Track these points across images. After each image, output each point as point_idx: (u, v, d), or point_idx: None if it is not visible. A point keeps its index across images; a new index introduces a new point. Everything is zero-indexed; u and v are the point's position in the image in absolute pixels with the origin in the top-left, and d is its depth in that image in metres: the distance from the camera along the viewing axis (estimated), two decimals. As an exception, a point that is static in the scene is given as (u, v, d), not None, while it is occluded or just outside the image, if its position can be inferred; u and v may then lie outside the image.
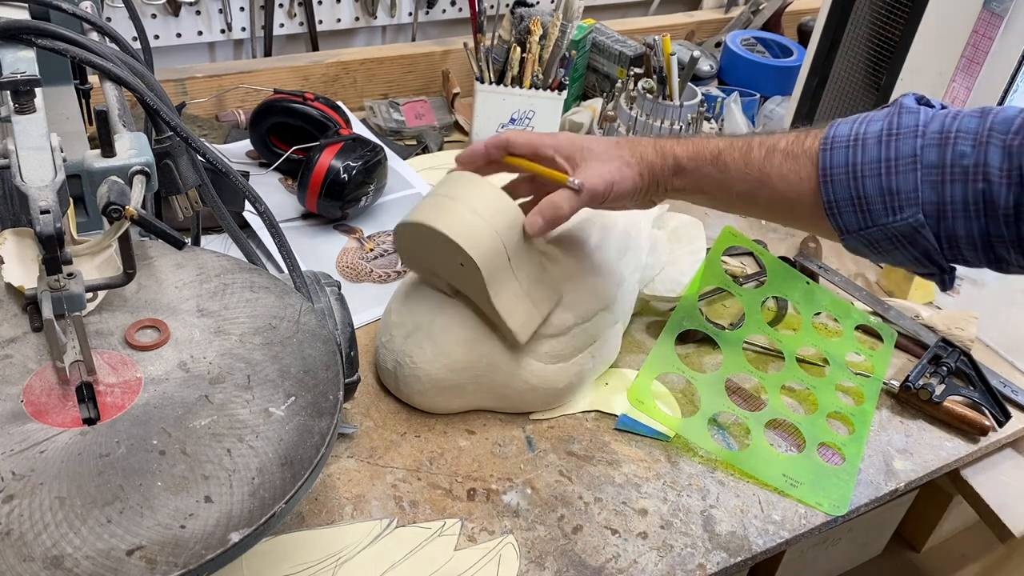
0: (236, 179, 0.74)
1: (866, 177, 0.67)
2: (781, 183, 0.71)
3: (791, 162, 0.71)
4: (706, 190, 0.77)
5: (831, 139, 0.69)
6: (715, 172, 0.75)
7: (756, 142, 0.73)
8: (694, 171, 0.76)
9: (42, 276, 0.57)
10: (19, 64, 0.64)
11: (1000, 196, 0.63)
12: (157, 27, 1.29)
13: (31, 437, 0.58)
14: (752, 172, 0.73)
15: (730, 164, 0.74)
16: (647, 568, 0.75)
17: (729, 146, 0.75)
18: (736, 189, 0.75)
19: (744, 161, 0.73)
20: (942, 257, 0.67)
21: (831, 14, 1.16)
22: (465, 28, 1.46)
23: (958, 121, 0.66)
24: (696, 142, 0.77)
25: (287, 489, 0.56)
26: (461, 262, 0.76)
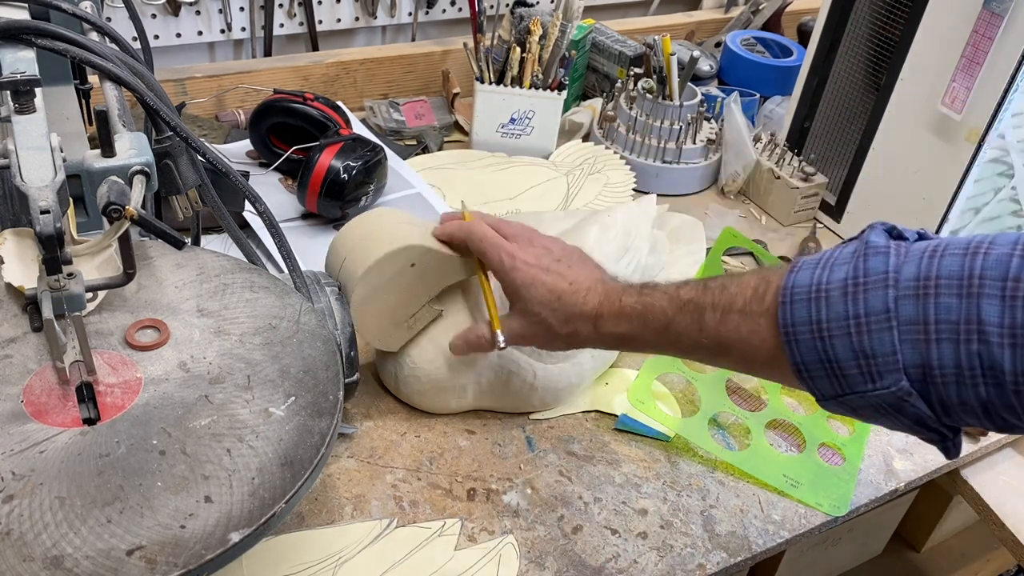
0: (236, 179, 0.74)
1: (834, 337, 0.56)
2: (742, 348, 0.62)
3: (749, 323, 0.61)
4: (664, 352, 0.72)
5: (790, 290, 0.58)
6: (668, 344, 0.68)
7: (710, 303, 0.64)
8: (639, 340, 0.70)
9: (42, 276, 0.57)
10: (19, 64, 0.64)
11: (1003, 360, 0.51)
12: (157, 27, 1.29)
13: (31, 437, 0.58)
14: (706, 340, 0.64)
15: (682, 334, 0.66)
16: (647, 568, 0.75)
17: (678, 312, 0.66)
18: (693, 356, 0.69)
19: (697, 328, 0.65)
20: (939, 424, 0.56)
21: (831, 14, 1.16)
22: (465, 28, 1.46)
23: (937, 263, 0.54)
24: (641, 311, 0.69)
25: (287, 489, 0.56)
26: (412, 263, 0.78)
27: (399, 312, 0.80)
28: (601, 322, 0.71)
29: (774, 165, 1.23)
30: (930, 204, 1.08)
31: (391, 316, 0.80)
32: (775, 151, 1.25)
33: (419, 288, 0.80)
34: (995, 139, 1.01)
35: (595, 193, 1.20)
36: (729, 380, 0.93)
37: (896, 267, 0.55)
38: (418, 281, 0.79)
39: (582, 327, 0.72)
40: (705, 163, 1.27)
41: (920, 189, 1.08)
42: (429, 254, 0.78)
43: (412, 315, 0.81)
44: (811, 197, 1.22)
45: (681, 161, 1.25)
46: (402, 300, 0.80)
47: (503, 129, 1.25)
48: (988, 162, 1.04)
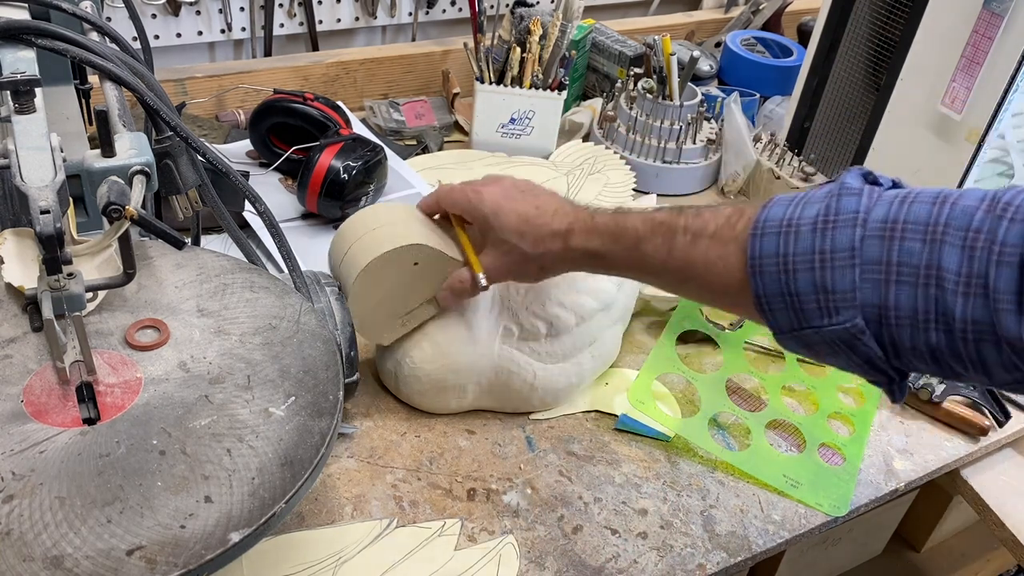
0: (236, 179, 0.74)
1: (798, 271, 0.57)
2: (707, 273, 0.63)
3: (718, 247, 0.62)
4: (633, 273, 0.72)
5: (762, 223, 0.59)
6: (635, 263, 0.69)
7: (682, 225, 0.65)
8: (611, 265, 0.71)
9: (42, 276, 0.57)
10: (19, 64, 0.64)
11: (955, 307, 0.52)
12: (157, 27, 1.29)
13: (31, 437, 0.58)
14: (674, 262, 0.65)
15: (649, 254, 0.67)
16: (647, 568, 0.75)
17: (650, 232, 0.67)
18: (659, 279, 0.69)
19: (667, 249, 0.65)
20: (888, 365, 0.57)
21: (831, 14, 1.16)
22: (465, 28, 1.46)
23: (907, 208, 0.55)
24: (612, 228, 0.69)
25: (287, 489, 0.56)
26: (415, 261, 0.78)
27: (396, 307, 0.80)
28: (572, 237, 0.71)
29: (774, 165, 1.23)
30: (930, 204, 1.07)
31: (387, 311, 0.80)
32: (775, 151, 1.25)
33: (419, 286, 0.80)
34: (995, 139, 1.01)
35: (595, 193, 1.20)
36: (729, 380, 0.93)
37: (867, 208, 0.56)
38: (419, 279, 0.79)
39: (552, 245, 0.72)
40: (705, 163, 1.27)
41: (920, 189, 1.08)
42: (433, 255, 0.78)
43: (408, 312, 0.81)
44: (811, 197, 1.22)
45: (681, 161, 1.25)
46: (400, 296, 0.80)
47: (503, 129, 1.25)
48: (988, 162, 1.04)
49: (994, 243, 0.51)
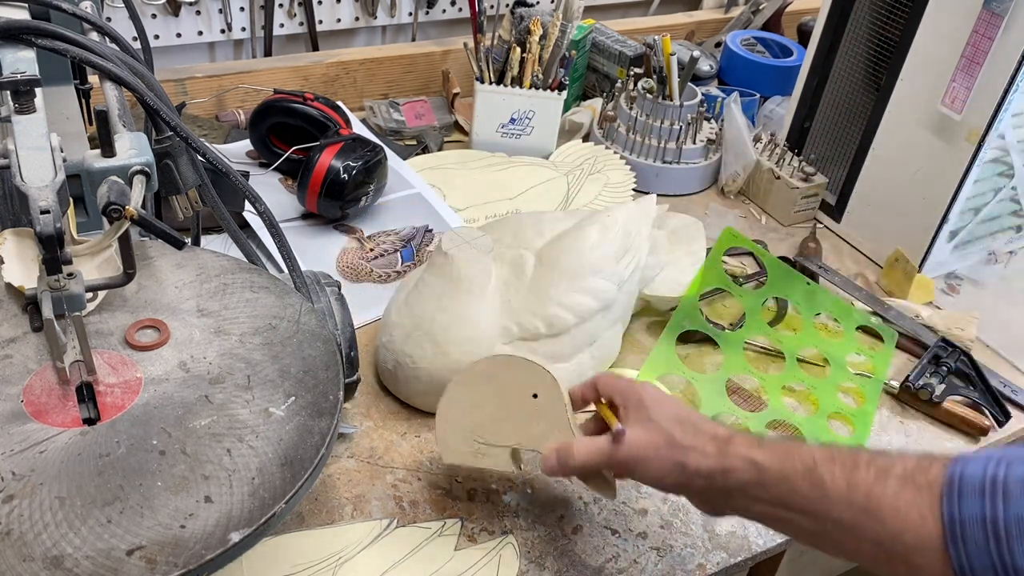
0: (236, 179, 0.74)
1: (1013, 539, 0.48)
2: (895, 520, 0.53)
3: (910, 493, 0.53)
4: (794, 507, 0.59)
5: (958, 480, 0.51)
6: (807, 488, 0.58)
7: (864, 459, 0.57)
8: (779, 483, 0.59)
9: (42, 276, 0.57)
10: (19, 64, 0.64)
11: None
12: (157, 27, 1.29)
13: (31, 437, 0.58)
14: (857, 497, 0.55)
15: (828, 482, 0.57)
16: (647, 568, 0.75)
17: (829, 458, 0.58)
18: (833, 515, 0.57)
19: (847, 481, 0.56)
20: None
21: (831, 14, 1.16)
22: (465, 28, 1.46)
23: None
24: (783, 447, 0.61)
25: (287, 489, 0.56)
26: (535, 392, 0.72)
27: (481, 430, 0.73)
28: (732, 443, 0.63)
29: (774, 165, 1.23)
30: (930, 204, 1.08)
31: (472, 425, 0.73)
32: (775, 151, 1.25)
33: (517, 422, 0.72)
34: (995, 139, 1.01)
35: (595, 193, 1.20)
36: (729, 380, 0.93)
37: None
38: (523, 415, 0.72)
39: (708, 444, 0.64)
40: (705, 163, 1.27)
41: (920, 189, 1.08)
42: (557, 397, 0.72)
43: (487, 443, 0.73)
44: (811, 197, 1.22)
45: (681, 161, 1.25)
46: (495, 419, 0.73)
47: (503, 129, 1.25)
48: (988, 162, 1.04)
49: None
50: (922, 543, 0.52)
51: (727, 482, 0.62)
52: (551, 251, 0.87)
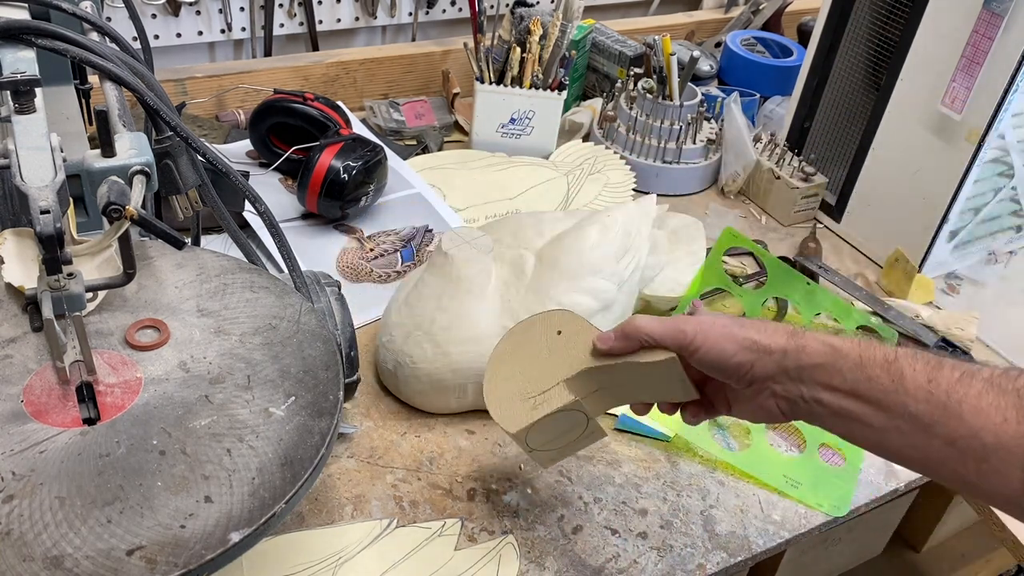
0: (236, 179, 0.74)
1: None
2: (976, 418, 0.53)
3: (995, 395, 0.53)
4: (868, 397, 0.58)
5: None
6: (885, 378, 0.56)
7: (948, 362, 0.56)
8: (855, 369, 0.58)
9: (42, 276, 0.57)
10: (19, 64, 0.64)
11: None
12: (157, 27, 1.29)
13: (31, 437, 0.58)
14: (937, 393, 0.54)
15: (907, 374, 0.56)
16: (647, 568, 0.75)
17: (911, 353, 0.57)
18: (909, 409, 0.56)
19: (928, 376, 0.55)
20: None
21: (831, 14, 1.16)
22: (465, 28, 1.46)
23: None
24: (862, 339, 0.60)
25: (287, 489, 0.56)
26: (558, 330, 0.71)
27: (529, 386, 0.70)
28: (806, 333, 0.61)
29: (774, 165, 1.23)
30: (930, 204, 1.08)
31: (519, 388, 0.70)
32: (775, 151, 1.25)
33: (557, 362, 0.70)
34: (995, 139, 1.01)
35: (595, 193, 1.20)
36: (729, 380, 0.93)
37: None
38: (558, 353, 0.70)
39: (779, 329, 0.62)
40: (705, 163, 1.27)
41: (920, 189, 1.08)
42: (579, 323, 0.70)
43: (542, 391, 0.69)
44: (811, 197, 1.22)
45: (681, 161, 1.25)
46: (535, 372, 0.70)
47: (503, 129, 1.25)
48: (988, 162, 1.04)
49: None
50: (1001, 444, 0.51)
51: (800, 360, 0.60)
52: (551, 251, 0.87)
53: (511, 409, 0.70)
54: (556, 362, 0.70)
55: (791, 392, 0.61)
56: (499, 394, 0.71)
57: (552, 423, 0.69)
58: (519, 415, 0.69)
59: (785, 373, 0.61)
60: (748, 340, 0.62)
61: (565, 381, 0.69)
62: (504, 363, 0.73)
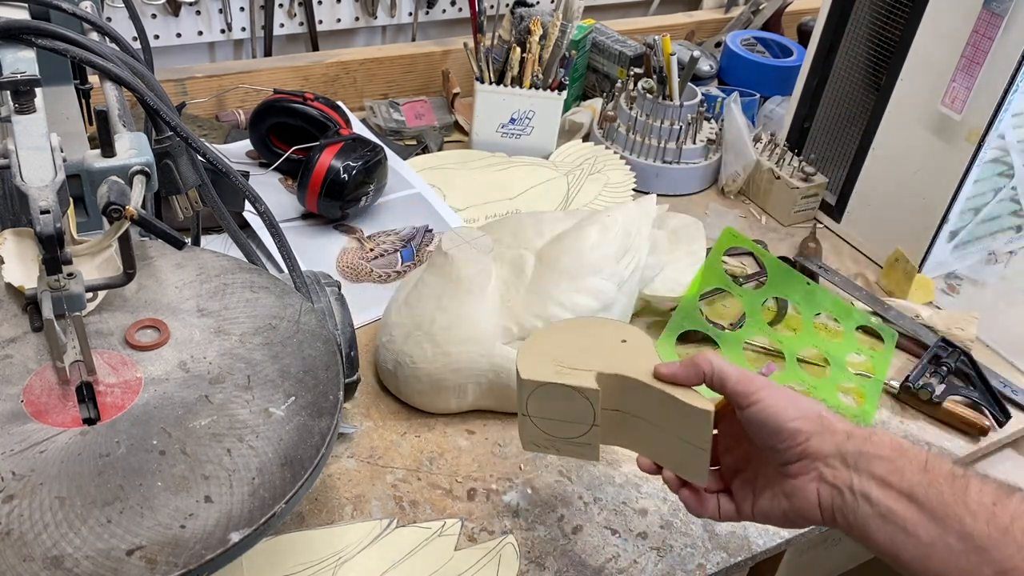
0: (236, 179, 0.74)
1: None
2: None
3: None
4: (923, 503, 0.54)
5: None
6: (947, 487, 0.53)
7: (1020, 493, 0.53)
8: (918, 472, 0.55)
9: (42, 276, 0.57)
10: (19, 64, 0.64)
11: None
12: (157, 27, 1.29)
13: (31, 437, 0.58)
14: (1001, 516, 0.51)
15: (972, 490, 0.53)
16: (647, 568, 0.75)
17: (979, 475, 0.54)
18: (965, 527, 0.52)
19: (994, 499, 0.52)
20: None
21: (831, 14, 1.16)
22: (465, 28, 1.46)
23: None
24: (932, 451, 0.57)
25: (287, 489, 0.56)
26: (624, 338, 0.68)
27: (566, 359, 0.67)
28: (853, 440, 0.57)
29: (774, 165, 1.23)
30: (930, 204, 1.08)
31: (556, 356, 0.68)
32: (775, 151, 1.25)
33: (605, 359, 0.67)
34: (995, 139, 1.01)
35: (595, 193, 1.20)
36: (729, 380, 0.93)
37: None
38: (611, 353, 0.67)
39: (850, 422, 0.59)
40: (705, 163, 1.27)
41: (920, 189, 1.08)
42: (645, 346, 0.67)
43: (573, 368, 0.67)
44: (811, 197, 1.22)
45: (681, 161, 1.25)
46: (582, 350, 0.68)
47: (503, 129, 1.25)
48: (988, 162, 1.04)
49: None
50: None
51: (862, 447, 0.56)
52: (551, 251, 0.87)
53: (535, 363, 0.68)
54: (603, 359, 0.67)
55: (840, 480, 0.57)
56: (535, 349, 0.69)
57: (560, 402, 0.67)
58: (539, 370, 0.67)
59: (842, 457, 0.57)
60: (813, 411, 0.58)
61: (599, 373, 0.66)
62: (559, 335, 0.70)
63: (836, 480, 0.57)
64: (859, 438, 0.57)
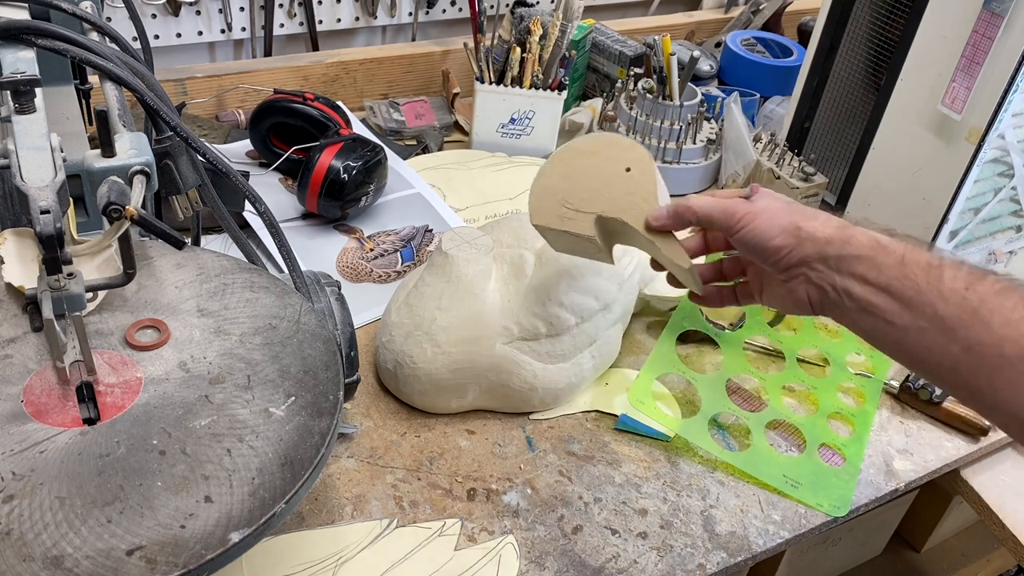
0: (236, 179, 0.74)
1: None
2: (1004, 328, 0.53)
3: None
4: (899, 294, 0.59)
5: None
6: (923, 278, 0.58)
7: (992, 275, 0.57)
8: (896, 266, 0.59)
9: (42, 276, 0.57)
10: (19, 64, 0.64)
11: None
12: (157, 27, 1.29)
13: (31, 437, 0.58)
14: (971, 299, 0.55)
15: (946, 277, 0.57)
16: (647, 568, 0.75)
17: (956, 262, 0.58)
18: (937, 311, 0.56)
19: (967, 283, 0.56)
20: None
21: (831, 14, 1.16)
22: (465, 28, 1.46)
23: None
24: (913, 241, 0.61)
25: (287, 489, 0.56)
26: (628, 166, 0.74)
27: (571, 197, 0.75)
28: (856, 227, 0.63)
29: (774, 165, 1.23)
30: (930, 204, 1.07)
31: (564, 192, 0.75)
32: (775, 151, 1.25)
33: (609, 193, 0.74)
34: (995, 139, 1.01)
35: (595, 193, 1.20)
36: (729, 380, 0.93)
37: None
38: (616, 186, 0.73)
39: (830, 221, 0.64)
40: (705, 163, 1.27)
41: (920, 189, 1.08)
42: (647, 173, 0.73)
43: (577, 211, 0.74)
44: (811, 197, 1.22)
45: (681, 161, 1.25)
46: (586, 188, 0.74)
47: (503, 129, 1.25)
48: (988, 162, 1.04)
49: None
50: (1021, 356, 0.52)
51: (842, 250, 0.62)
52: (551, 251, 0.87)
53: (545, 205, 0.75)
54: (606, 193, 0.73)
55: (824, 280, 0.63)
56: (545, 183, 0.76)
57: (569, 237, 0.76)
58: (546, 215, 0.75)
59: (824, 260, 0.63)
60: (792, 225, 0.64)
61: (598, 217, 0.73)
62: (566, 166, 0.75)
63: (821, 281, 0.64)
64: (839, 241, 0.63)
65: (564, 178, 0.76)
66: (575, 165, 0.76)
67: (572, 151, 0.76)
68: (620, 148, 0.75)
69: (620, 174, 0.74)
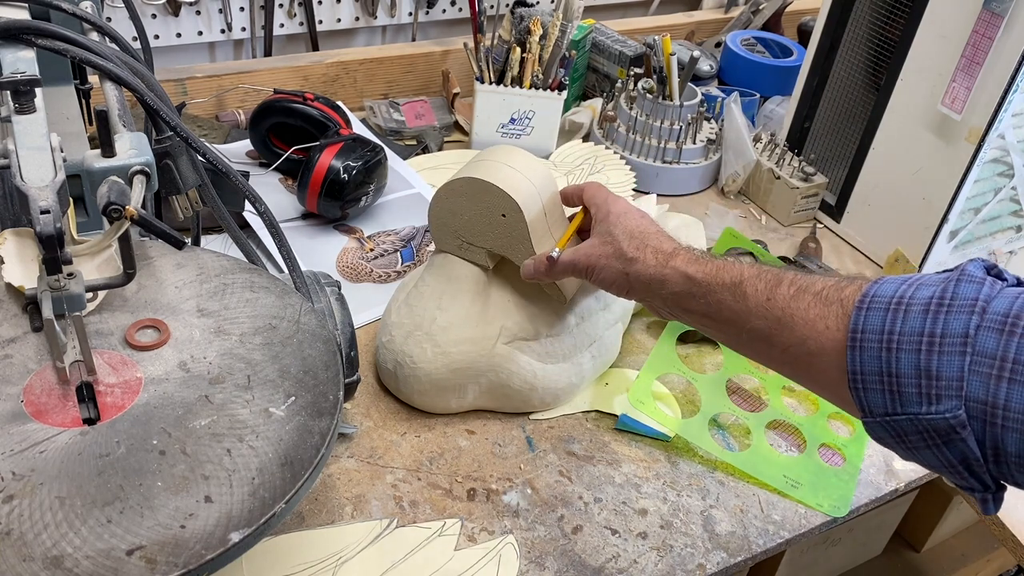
0: (236, 179, 0.74)
1: (902, 350, 0.53)
2: (804, 328, 0.59)
3: (821, 307, 0.59)
4: (717, 318, 0.67)
5: (870, 297, 0.56)
6: (731, 301, 0.65)
7: (788, 278, 0.63)
8: (706, 295, 0.67)
9: (42, 276, 0.57)
10: (19, 64, 0.64)
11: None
12: (157, 27, 1.29)
13: (31, 437, 0.58)
14: (773, 309, 0.62)
15: (750, 294, 0.64)
16: (647, 568, 0.75)
17: (755, 275, 0.65)
18: (751, 324, 0.64)
19: (768, 295, 0.62)
20: (985, 471, 0.52)
21: (831, 14, 1.16)
22: (465, 28, 1.46)
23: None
24: (718, 263, 0.68)
25: (287, 489, 0.56)
26: (503, 212, 0.80)
27: (462, 230, 0.84)
28: (675, 258, 0.71)
29: (774, 165, 1.23)
30: (930, 204, 1.08)
31: (456, 226, 0.84)
32: (775, 151, 1.25)
33: (491, 235, 0.82)
34: (995, 139, 1.01)
35: (595, 193, 1.20)
36: (729, 380, 0.93)
37: (987, 298, 0.52)
38: (495, 229, 0.82)
39: (650, 257, 0.72)
40: (705, 163, 1.27)
41: (920, 189, 1.08)
42: (520, 224, 0.80)
43: (468, 242, 0.84)
44: (811, 197, 1.22)
45: (681, 161, 1.25)
46: (473, 225, 0.83)
47: (503, 129, 1.25)
48: (988, 162, 1.04)
49: None
50: (823, 349, 0.58)
51: (662, 290, 0.71)
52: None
53: (443, 235, 0.85)
54: (490, 232, 0.82)
55: (660, 310, 0.74)
56: (438, 214, 0.84)
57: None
58: (446, 243, 0.85)
59: (653, 298, 0.73)
60: (621, 274, 0.74)
61: (488, 252, 0.83)
62: (455, 199, 0.83)
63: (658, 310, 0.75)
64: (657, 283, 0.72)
65: (452, 214, 0.83)
66: (458, 203, 0.83)
67: (451, 191, 0.83)
68: (493, 195, 0.80)
69: (497, 218, 0.81)
